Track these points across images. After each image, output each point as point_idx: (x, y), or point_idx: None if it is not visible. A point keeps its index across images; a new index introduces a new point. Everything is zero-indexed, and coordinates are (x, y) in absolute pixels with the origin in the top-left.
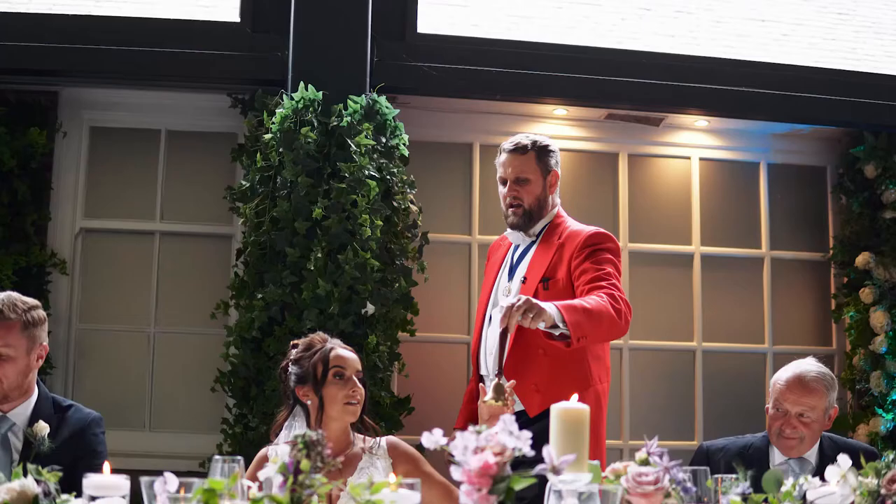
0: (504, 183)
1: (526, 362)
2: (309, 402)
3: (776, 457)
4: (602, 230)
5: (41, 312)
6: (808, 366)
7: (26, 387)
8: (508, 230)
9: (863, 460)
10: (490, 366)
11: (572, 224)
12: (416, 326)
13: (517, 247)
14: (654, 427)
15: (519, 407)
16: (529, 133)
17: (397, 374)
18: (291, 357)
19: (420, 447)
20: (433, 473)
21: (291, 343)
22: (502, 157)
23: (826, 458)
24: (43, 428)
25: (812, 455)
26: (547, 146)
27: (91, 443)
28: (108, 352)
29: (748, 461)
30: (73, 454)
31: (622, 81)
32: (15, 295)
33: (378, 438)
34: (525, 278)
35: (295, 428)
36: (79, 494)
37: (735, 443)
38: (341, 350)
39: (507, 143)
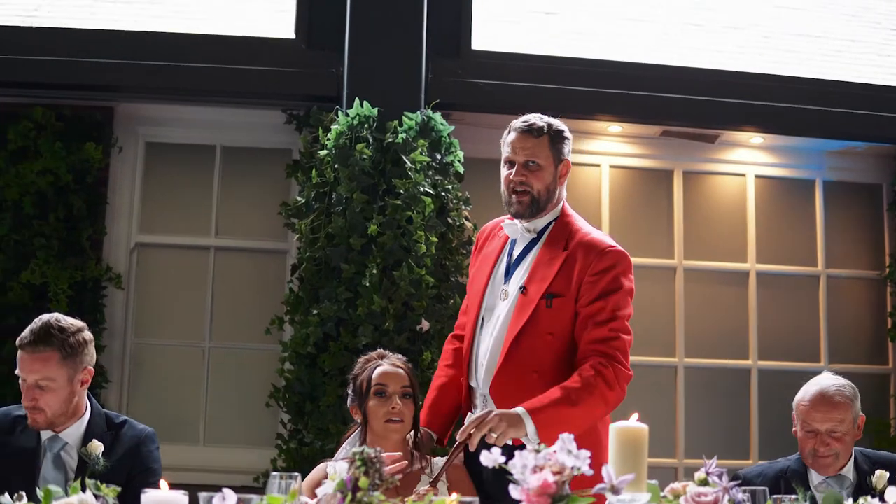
0: (510, 165)
1: (517, 384)
2: (359, 419)
3: (814, 477)
4: (617, 246)
5: (85, 335)
6: (828, 381)
7: (73, 410)
8: (507, 222)
9: None
10: (481, 380)
11: (582, 226)
12: None
13: (513, 241)
14: (708, 446)
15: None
16: (542, 115)
17: None
18: (350, 375)
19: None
20: None
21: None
22: (511, 136)
23: (862, 473)
24: (97, 447)
25: (849, 471)
26: (562, 131)
27: (146, 460)
28: (163, 366)
29: (788, 485)
30: (127, 472)
31: (677, 98)
32: (57, 319)
33: (436, 459)
34: (524, 287)
35: (355, 445)
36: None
37: (771, 468)
38: (388, 367)
39: (519, 122)
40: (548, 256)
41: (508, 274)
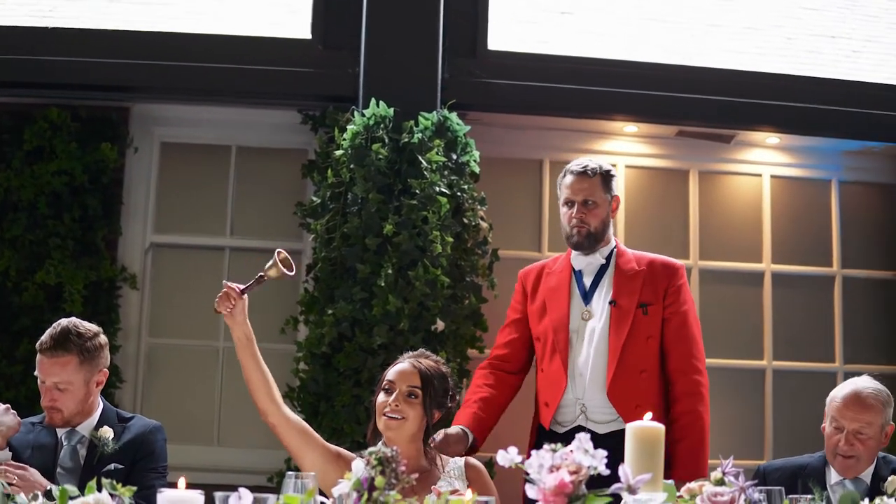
0: (570, 205)
1: (630, 382)
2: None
3: (832, 477)
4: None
5: (101, 339)
6: (865, 383)
7: (88, 408)
8: (575, 254)
9: None
10: (585, 390)
11: (636, 251)
12: (486, 343)
13: (579, 272)
14: (724, 446)
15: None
16: (591, 158)
17: (466, 389)
18: None
19: (489, 464)
20: None
21: None
22: (568, 179)
23: (879, 478)
24: (107, 431)
25: (867, 475)
26: (610, 171)
27: (151, 446)
28: (178, 366)
29: (805, 481)
30: (133, 456)
31: (693, 98)
32: (74, 325)
33: (455, 459)
34: (614, 301)
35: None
36: (140, 496)
37: (792, 463)
38: (403, 364)
39: (575, 166)
40: (625, 276)
41: (587, 297)
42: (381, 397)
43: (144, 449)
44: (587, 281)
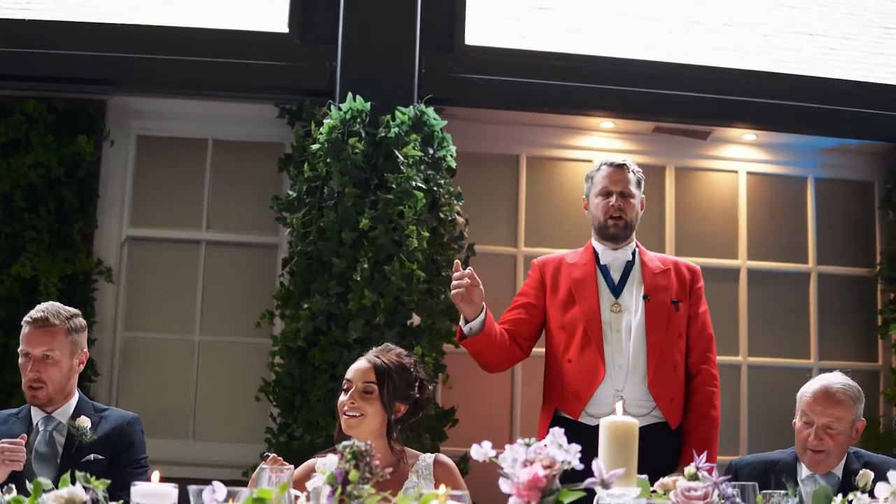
0: (606, 195)
1: (666, 376)
2: None
3: (803, 472)
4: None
5: (82, 321)
6: (835, 378)
7: (68, 390)
8: (602, 249)
9: None
10: (623, 382)
11: (654, 252)
12: None
13: (605, 266)
14: None
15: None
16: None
17: (442, 385)
18: None
19: (464, 459)
20: None
21: None
22: (605, 170)
23: (851, 472)
24: (84, 420)
25: (839, 470)
26: (639, 171)
27: (130, 437)
28: (153, 360)
29: (777, 476)
30: (112, 448)
31: (670, 95)
32: (57, 304)
33: (424, 456)
34: (647, 296)
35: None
36: (117, 488)
37: (763, 458)
38: (360, 362)
39: (612, 159)
40: (654, 273)
41: (616, 292)
42: (341, 397)
43: (123, 441)
44: (615, 276)
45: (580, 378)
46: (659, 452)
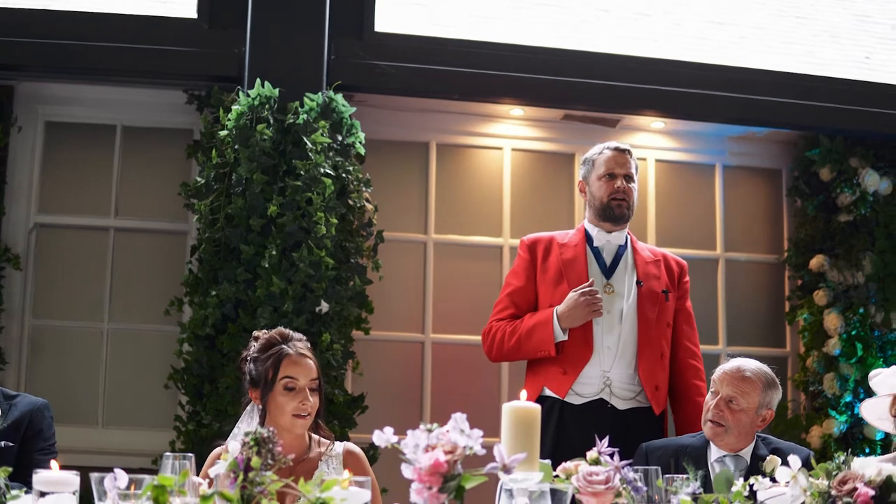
0: (610, 177)
1: (654, 363)
2: (258, 405)
3: (713, 454)
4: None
5: None
6: (752, 361)
7: None
8: (597, 231)
9: (813, 461)
10: (611, 363)
11: (645, 244)
12: (371, 325)
13: (597, 249)
14: None
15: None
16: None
17: (351, 372)
18: (248, 354)
19: (374, 446)
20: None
21: (253, 335)
22: (609, 154)
23: (758, 459)
24: None
25: (747, 453)
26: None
27: (39, 424)
28: (62, 347)
29: (686, 460)
30: (22, 435)
31: (579, 82)
32: None
33: (334, 444)
34: (641, 282)
35: (251, 424)
36: (29, 475)
37: (674, 443)
38: (297, 357)
39: (613, 144)
40: (646, 261)
41: (608, 274)
42: (285, 396)
43: (33, 427)
44: (607, 259)
45: (568, 356)
46: (642, 435)
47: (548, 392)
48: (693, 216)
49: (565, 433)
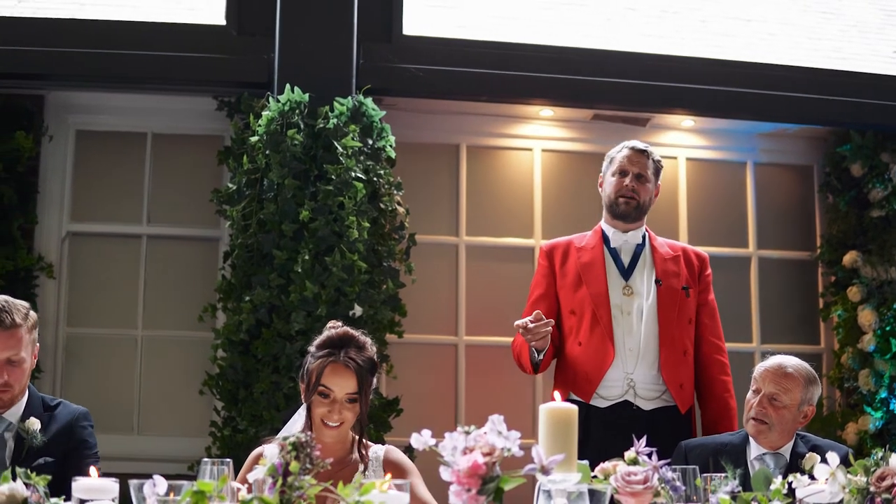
0: (622, 174)
1: (677, 362)
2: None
3: (753, 451)
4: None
5: (35, 314)
6: (792, 359)
7: (24, 388)
8: (613, 232)
9: (851, 458)
10: (634, 364)
11: (663, 238)
12: (404, 328)
13: (614, 249)
14: None
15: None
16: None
17: (385, 375)
18: (311, 345)
19: (409, 449)
20: (417, 491)
21: (328, 324)
22: (626, 152)
23: (798, 456)
24: (34, 423)
25: (787, 451)
26: (660, 160)
27: (80, 434)
28: (96, 355)
29: (725, 458)
30: (63, 447)
31: (608, 82)
32: (11, 298)
33: (375, 448)
34: (660, 280)
35: (298, 422)
36: (69, 489)
37: (713, 441)
38: (341, 367)
39: (631, 143)
40: (664, 258)
41: (627, 275)
42: (318, 401)
43: (74, 439)
44: (625, 259)
45: (589, 361)
46: (669, 435)
47: (574, 396)
48: (725, 214)
49: (592, 437)
